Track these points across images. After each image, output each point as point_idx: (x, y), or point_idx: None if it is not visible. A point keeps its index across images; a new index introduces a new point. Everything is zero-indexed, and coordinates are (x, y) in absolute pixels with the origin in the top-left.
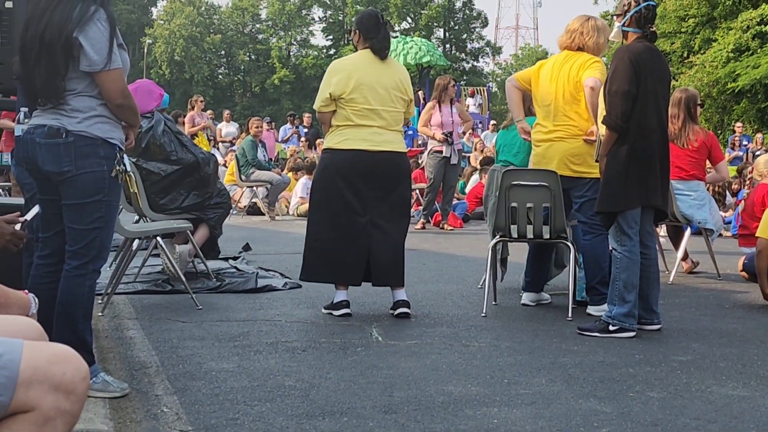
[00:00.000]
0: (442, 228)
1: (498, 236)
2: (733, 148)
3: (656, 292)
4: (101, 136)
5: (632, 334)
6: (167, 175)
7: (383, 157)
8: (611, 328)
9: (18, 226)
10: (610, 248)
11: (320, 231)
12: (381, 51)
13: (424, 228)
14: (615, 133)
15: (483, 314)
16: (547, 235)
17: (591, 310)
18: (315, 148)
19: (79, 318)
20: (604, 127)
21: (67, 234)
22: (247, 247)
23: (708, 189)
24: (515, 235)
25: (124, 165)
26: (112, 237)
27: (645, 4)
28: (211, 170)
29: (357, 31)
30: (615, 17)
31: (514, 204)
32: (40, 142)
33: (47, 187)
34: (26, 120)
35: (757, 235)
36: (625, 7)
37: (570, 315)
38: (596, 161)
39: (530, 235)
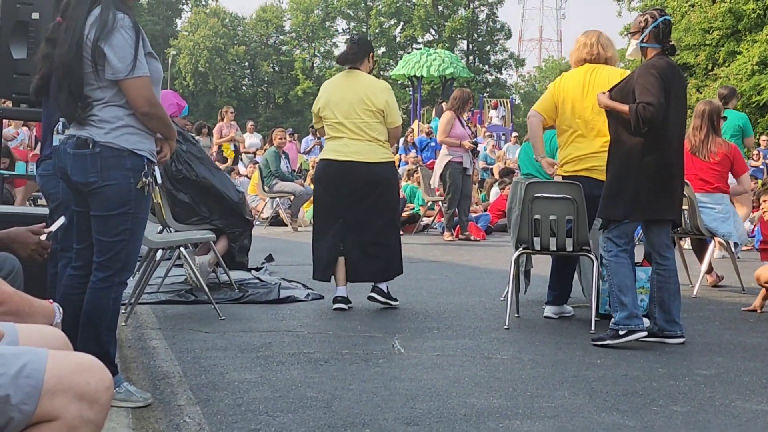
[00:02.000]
0: (468, 238)
1: (521, 248)
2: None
3: (677, 304)
4: (128, 147)
5: (643, 333)
6: (180, 200)
7: (350, 166)
8: (621, 332)
9: (43, 237)
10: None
11: (314, 233)
12: (344, 62)
13: (453, 240)
14: (643, 127)
15: (506, 327)
16: (570, 248)
17: None
18: None
19: (104, 329)
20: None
21: (95, 245)
22: (269, 258)
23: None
24: (538, 248)
25: (154, 177)
26: (140, 249)
27: (662, 19)
28: (240, 199)
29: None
30: (631, 35)
31: (537, 216)
32: (69, 153)
33: (80, 198)
34: (64, 130)
35: None
36: (642, 24)
37: (593, 328)
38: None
39: (553, 248)
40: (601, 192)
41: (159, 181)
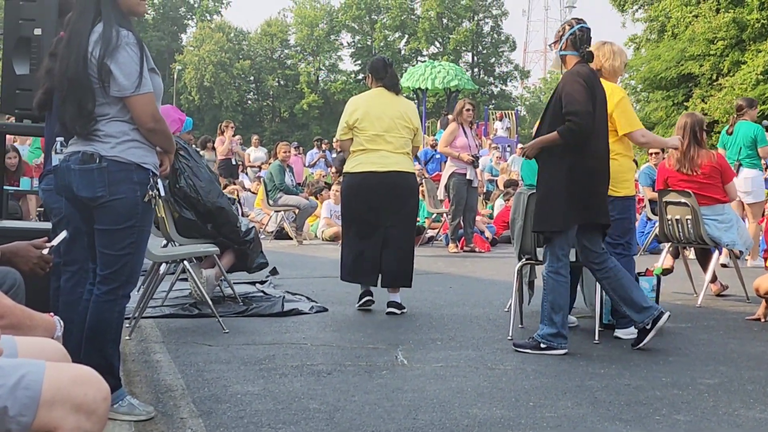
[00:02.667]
0: (473, 250)
1: (524, 259)
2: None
3: (639, 292)
4: (135, 161)
5: (562, 352)
6: (185, 218)
7: (391, 176)
8: (542, 346)
9: (45, 251)
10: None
11: (350, 241)
12: (393, 87)
13: (458, 252)
14: (579, 139)
15: (509, 337)
16: (572, 258)
17: (619, 333)
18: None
19: (108, 342)
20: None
21: (99, 258)
22: (274, 272)
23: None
24: (541, 258)
25: (158, 190)
26: (143, 261)
27: (578, 26)
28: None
29: (369, 74)
30: (551, 46)
31: None
32: (74, 169)
33: (87, 214)
34: (62, 149)
35: None
36: (560, 33)
37: (597, 338)
38: (524, 155)
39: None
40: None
41: (162, 193)
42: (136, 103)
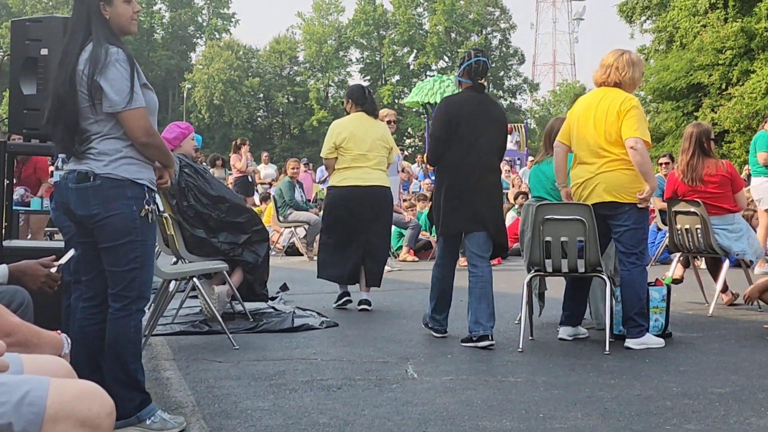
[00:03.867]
0: None
1: (533, 271)
2: None
3: (483, 307)
4: (128, 177)
5: (439, 334)
6: (197, 236)
7: (374, 189)
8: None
9: (54, 269)
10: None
11: (329, 246)
12: (372, 112)
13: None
14: (430, 161)
15: (519, 349)
16: (582, 269)
17: (630, 343)
18: None
19: (129, 358)
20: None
21: (108, 277)
22: (284, 287)
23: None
24: (550, 270)
25: (156, 205)
26: (153, 276)
27: (475, 59)
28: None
29: (349, 100)
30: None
31: (548, 238)
32: (71, 187)
33: (83, 230)
34: (63, 167)
35: None
36: (463, 59)
37: (607, 348)
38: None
39: (565, 269)
40: (606, 212)
41: (161, 209)
42: (127, 118)
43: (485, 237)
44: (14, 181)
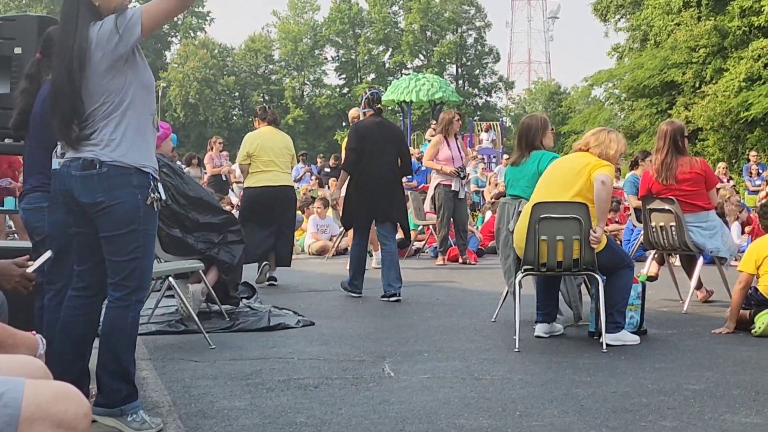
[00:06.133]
0: (465, 263)
1: (522, 270)
2: (750, 176)
3: (393, 273)
4: (134, 164)
5: (356, 294)
6: (173, 236)
7: (282, 188)
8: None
9: (30, 270)
10: None
11: (249, 235)
12: (276, 123)
13: (444, 264)
14: (347, 174)
15: (516, 349)
16: (576, 268)
17: (608, 339)
18: (328, 187)
19: (123, 349)
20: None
21: (108, 266)
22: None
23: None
24: (544, 269)
25: (159, 193)
26: (153, 265)
27: (370, 93)
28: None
29: (256, 117)
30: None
31: (544, 237)
32: (75, 175)
33: (82, 220)
34: (62, 153)
35: (738, 269)
36: (362, 96)
37: (605, 347)
38: (334, 200)
39: (559, 268)
40: None
41: (164, 197)
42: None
43: (390, 225)
44: None
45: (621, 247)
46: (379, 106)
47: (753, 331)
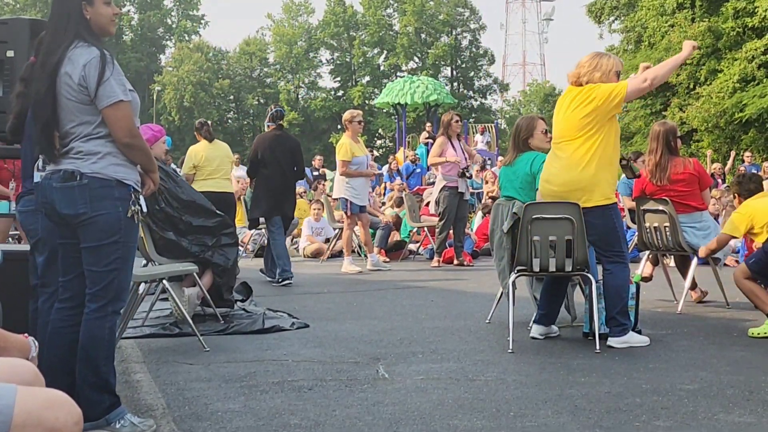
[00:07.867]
0: (462, 264)
1: (516, 271)
2: None
3: (284, 260)
4: (115, 177)
5: (289, 282)
6: (168, 239)
7: (223, 194)
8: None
9: None
10: None
11: None
12: (212, 136)
13: (439, 266)
14: (251, 177)
15: (510, 350)
16: (569, 268)
17: (612, 342)
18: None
19: (101, 360)
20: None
21: (87, 277)
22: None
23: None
24: (537, 269)
25: (140, 206)
26: (131, 279)
27: (275, 110)
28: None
29: (198, 133)
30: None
31: (536, 237)
32: (56, 187)
33: (65, 231)
34: (44, 166)
35: (723, 232)
36: (267, 111)
37: (598, 347)
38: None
39: (552, 269)
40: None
41: (145, 210)
42: (112, 114)
43: (279, 219)
44: None
45: (625, 237)
46: (281, 122)
47: (750, 331)
